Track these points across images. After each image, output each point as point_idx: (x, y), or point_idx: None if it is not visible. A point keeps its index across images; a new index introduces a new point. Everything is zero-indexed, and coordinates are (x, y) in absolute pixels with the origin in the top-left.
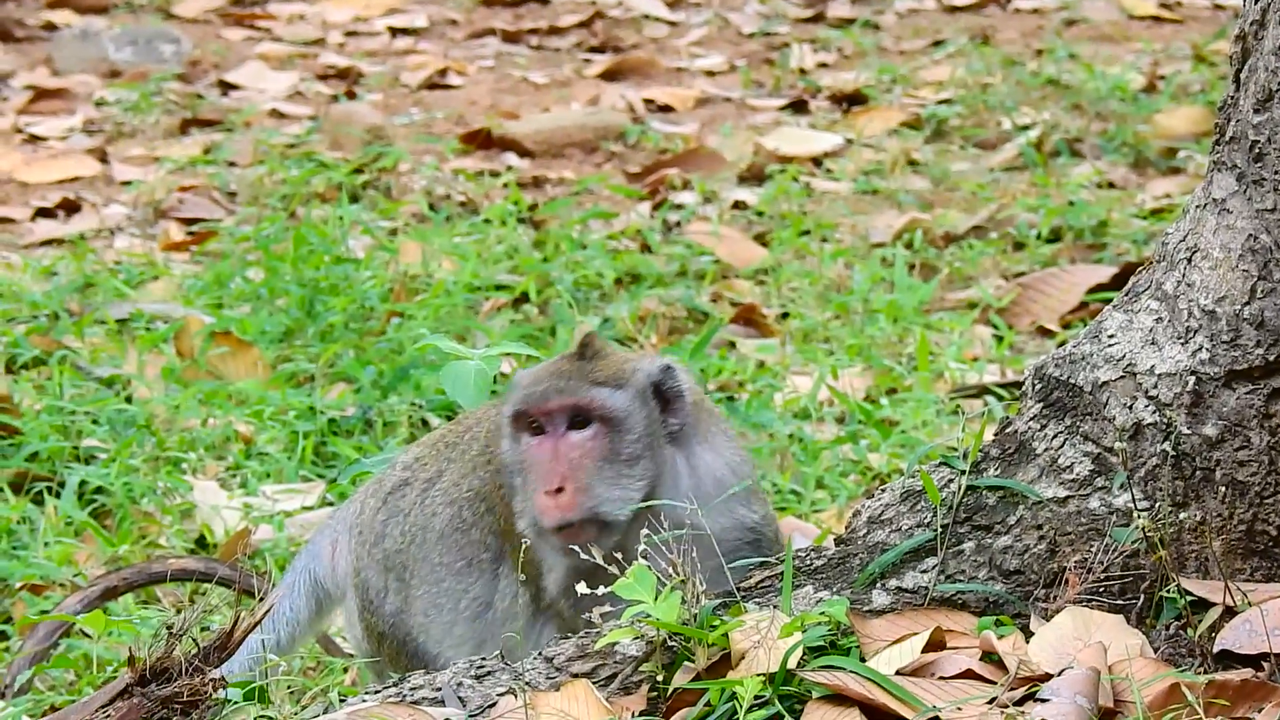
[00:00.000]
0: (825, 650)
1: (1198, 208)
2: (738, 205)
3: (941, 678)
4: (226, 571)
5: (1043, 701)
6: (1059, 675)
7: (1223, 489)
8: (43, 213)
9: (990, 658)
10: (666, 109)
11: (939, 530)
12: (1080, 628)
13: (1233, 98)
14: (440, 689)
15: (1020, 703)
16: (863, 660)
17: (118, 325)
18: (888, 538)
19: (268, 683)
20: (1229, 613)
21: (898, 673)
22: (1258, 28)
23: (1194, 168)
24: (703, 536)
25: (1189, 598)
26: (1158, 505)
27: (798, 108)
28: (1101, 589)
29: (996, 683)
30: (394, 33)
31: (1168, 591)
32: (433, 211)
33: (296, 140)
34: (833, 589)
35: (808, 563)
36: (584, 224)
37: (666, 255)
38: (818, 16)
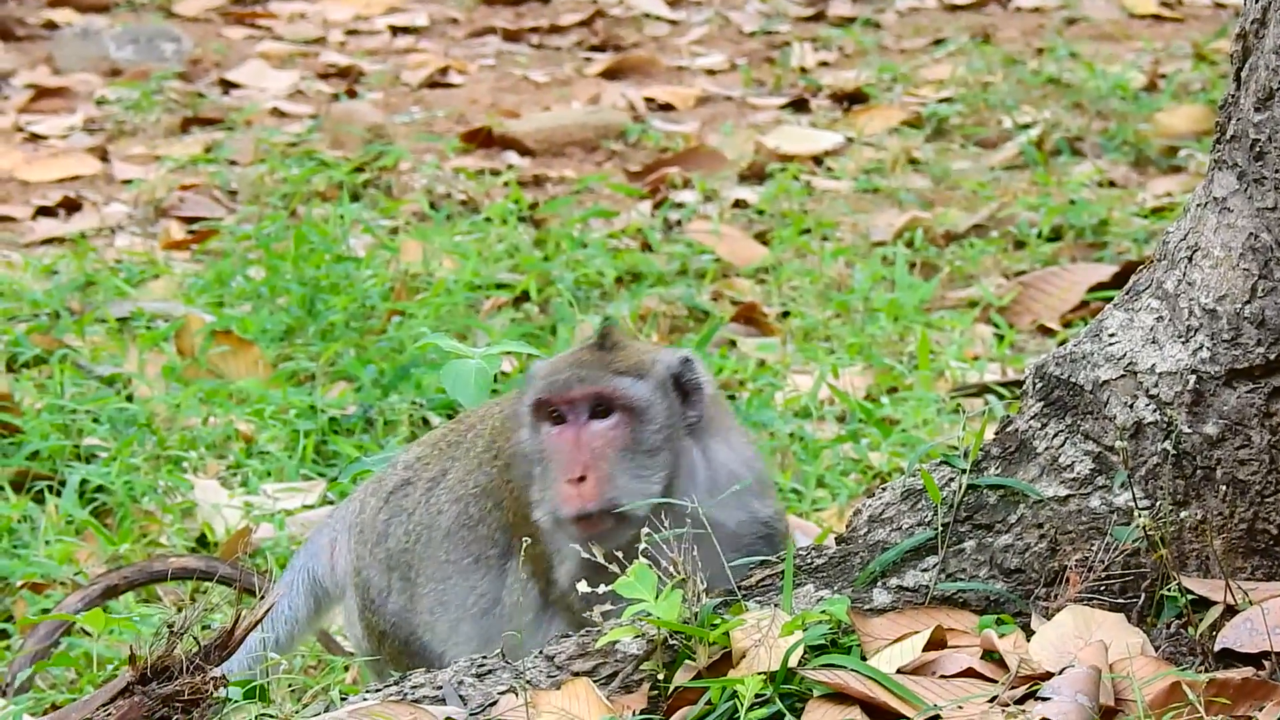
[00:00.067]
0: (826, 649)
1: (1198, 206)
2: (738, 204)
3: (942, 676)
4: (227, 570)
5: (1044, 700)
6: (1060, 674)
7: (1223, 488)
8: (43, 211)
9: (991, 656)
10: (667, 107)
11: (940, 529)
12: (1081, 626)
13: (1233, 96)
14: (441, 687)
15: (1021, 701)
16: (864, 659)
17: (118, 324)
18: (888, 536)
19: (268, 681)
20: (1230, 611)
21: (899, 671)
22: (1258, 26)
23: (1195, 166)
24: (718, 530)
25: (1190, 596)
26: (1158, 504)
27: (798, 106)
28: (1102, 588)
29: (997, 681)
30: (395, 31)
31: (1168, 590)
32: (433, 210)
33: (297, 139)
34: (834, 587)
35: (808, 561)
36: (585, 223)
37: (667, 254)
38: (818, 15)
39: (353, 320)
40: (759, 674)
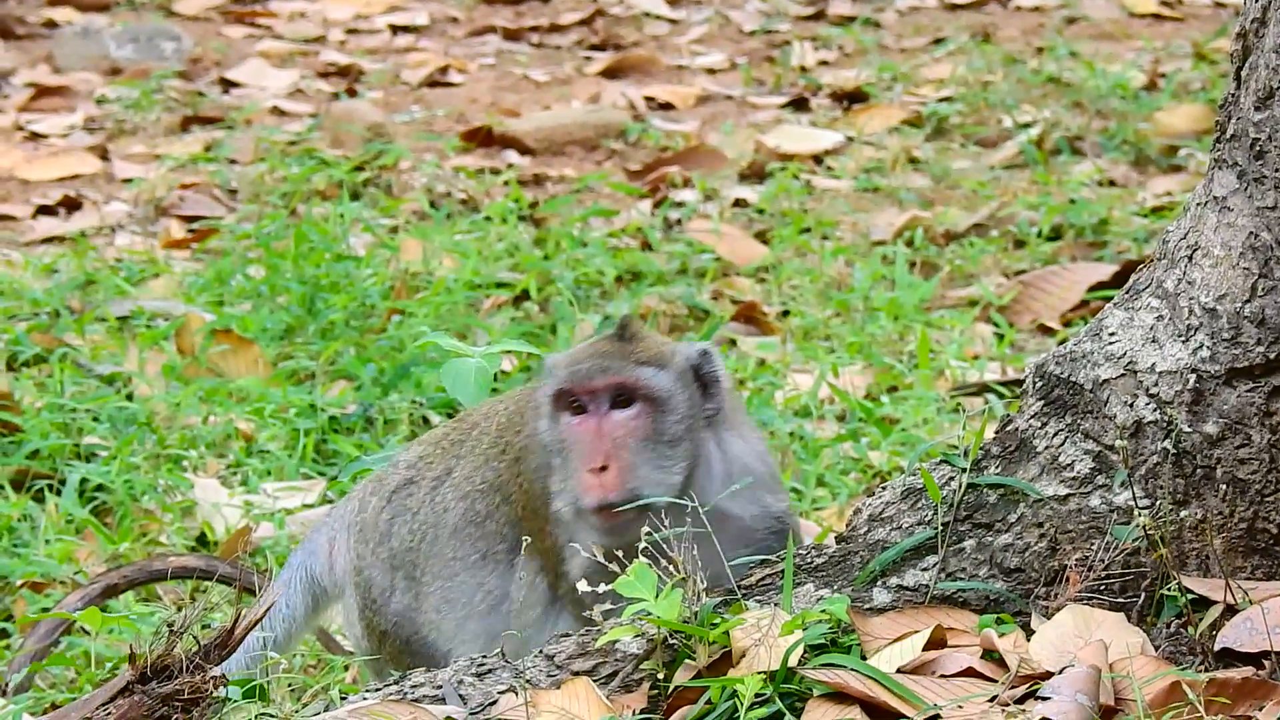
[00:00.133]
0: (826, 648)
1: (1198, 205)
2: (738, 203)
3: (942, 676)
4: (227, 569)
5: (1044, 700)
6: (1060, 673)
7: (1223, 487)
8: (44, 210)
9: (991, 656)
10: (667, 107)
11: (940, 528)
12: (1081, 626)
13: (1233, 95)
14: (441, 686)
15: (1021, 701)
16: (863, 658)
17: (118, 323)
18: (888, 535)
19: (268, 680)
20: (1230, 611)
21: (899, 671)
22: (1258, 25)
23: (1195, 165)
24: (733, 524)
25: (1190, 596)
26: (1158, 503)
27: (798, 105)
28: (1102, 587)
29: (997, 681)
30: (395, 30)
31: (1168, 589)
32: (433, 209)
33: (297, 138)
34: (833, 587)
35: (808, 560)
36: (585, 221)
37: (667, 253)
38: (819, 14)
39: (353, 319)
40: (759, 673)
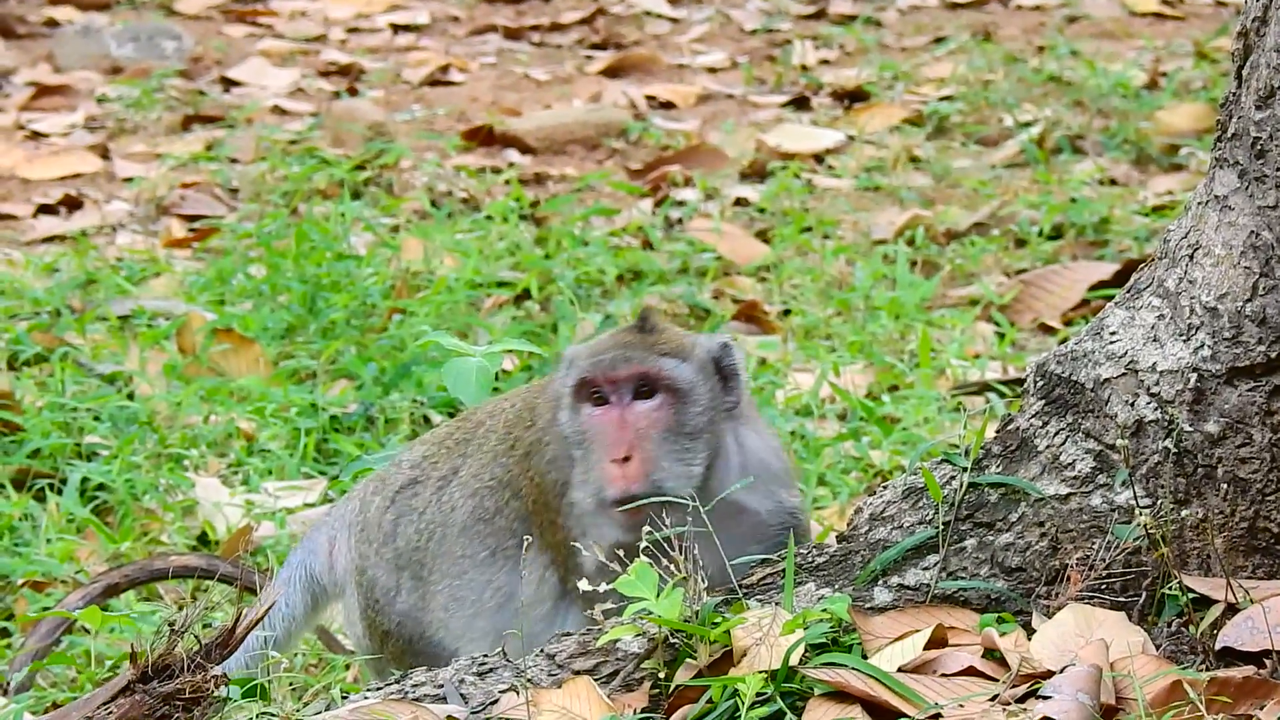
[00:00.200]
0: (827, 647)
1: (1199, 204)
2: (739, 202)
3: (943, 675)
4: (228, 568)
5: (1045, 699)
6: (1061, 672)
7: (1224, 486)
8: (44, 209)
9: (992, 655)
10: (668, 106)
11: (941, 527)
12: (1082, 625)
13: (1234, 94)
14: (442, 686)
15: (1022, 700)
16: (865, 657)
17: (119, 322)
18: (889, 535)
19: (270, 680)
20: (1231, 610)
21: (900, 670)
22: (1259, 24)
23: (1196, 165)
24: (750, 517)
25: (1191, 595)
26: (1159, 502)
27: (799, 104)
28: (1103, 586)
29: (998, 680)
30: (396, 29)
31: (1169, 589)
32: (434, 208)
33: (298, 137)
34: (835, 586)
35: (810, 560)
36: (586, 221)
37: (668, 252)
38: (819, 13)
39: (354, 318)
40: (760, 672)
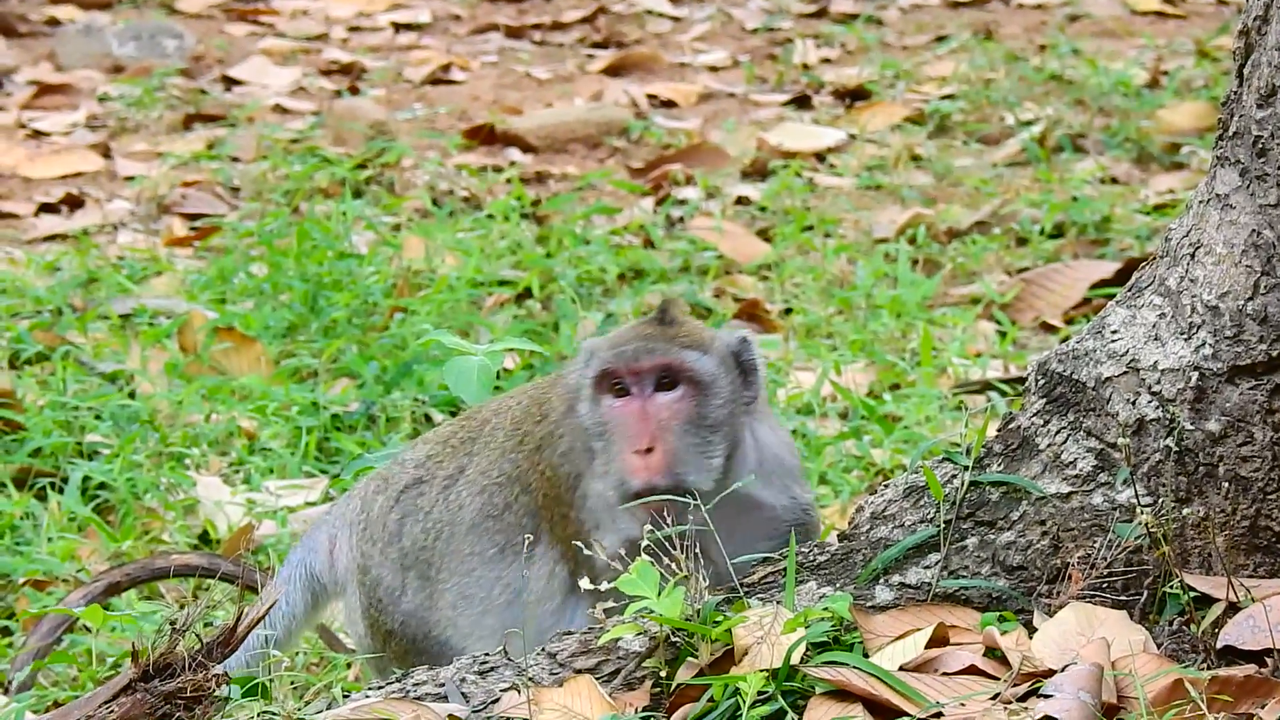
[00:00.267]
0: (828, 646)
1: (1201, 203)
2: (741, 201)
3: (945, 673)
4: (229, 567)
5: (1046, 697)
6: (1062, 671)
7: (1226, 485)
8: (46, 208)
9: (993, 654)
10: (669, 104)
11: (942, 526)
12: (1083, 624)
13: (1236, 93)
14: (443, 684)
15: (1023, 699)
16: (866, 656)
17: (121, 321)
18: (891, 533)
19: (271, 679)
20: (1232, 608)
21: (901, 668)
22: (1261, 23)
23: (1197, 163)
24: (766, 512)
25: (1192, 593)
26: (1161, 501)
27: (801, 103)
28: (1104, 585)
29: (1000, 679)
30: (397, 28)
31: (1171, 587)
32: (436, 207)
33: (300, 135)
34: (836, 585)
35: (811, 558)
36: (587, 219)
37: (669, 251)
38: (821, 12)
39: (355, 317)
40: (761, 671)
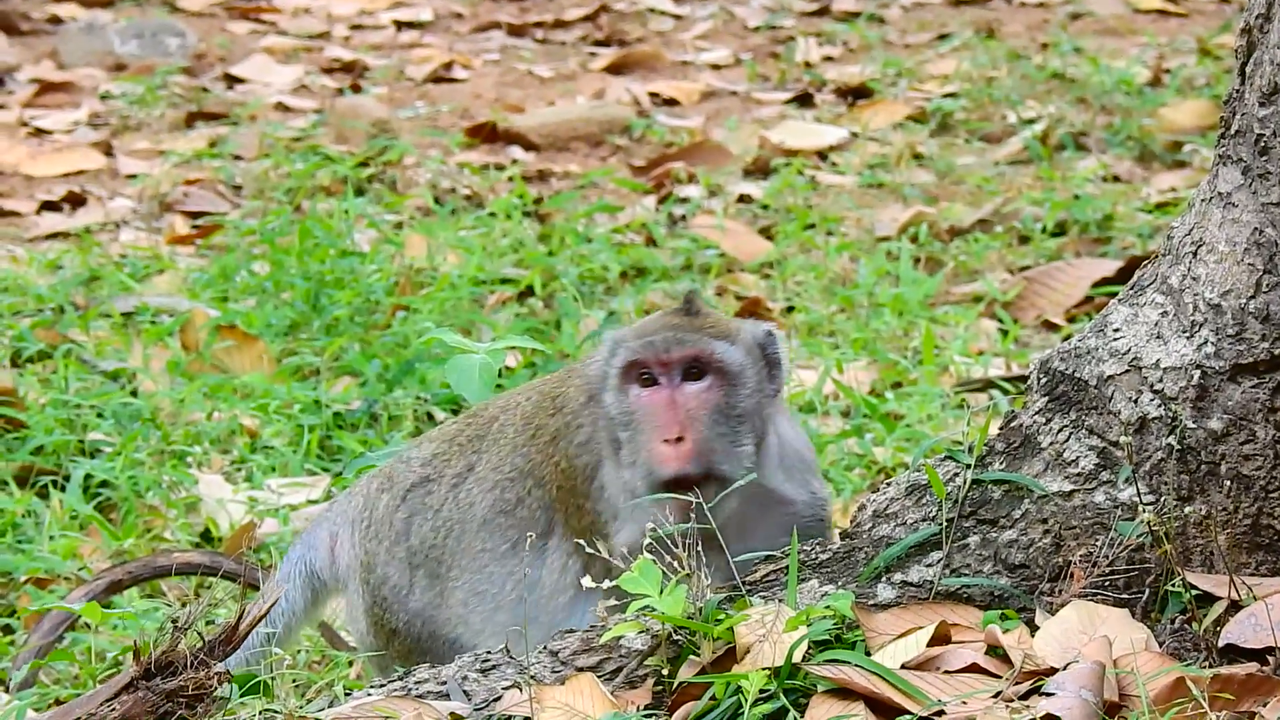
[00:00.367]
0: (830, 644)
1: (1203, 201)
2: (743, 199)
3: (947, 672)
4: (231, 565)
5: (1048, 696)
6: (1064, 669)
7: (1228, 483)
8: (48, 206)
9: (995, 652)
10: (672, 102)
11: (944, 524)
12: (1085, 622)
13: (1238, 91)
14: (445, 682)
15: (1025, 697)
16: (868, 654)
17: (123, 319)
18: (893, 532)
19: (272, 677)
20: (1234, 607)
21: (903, 667)
22: (1263, 21)
23: (1199, 162)
24: (787, 506)
25: (1194, 592)
26: (1163, 499)
27: (803, 101)
28: (1106, 583)
29: (1002, 677)
30: (399, 26)
31: (1173, 585)
32: (438, 205)
33: (302, 133)
34: (838, 583)
35: (813, 557)
36: (589, 217)
37: (671, 249)
38: (823, 10)
39: (357, 315)
40: (763, 669)
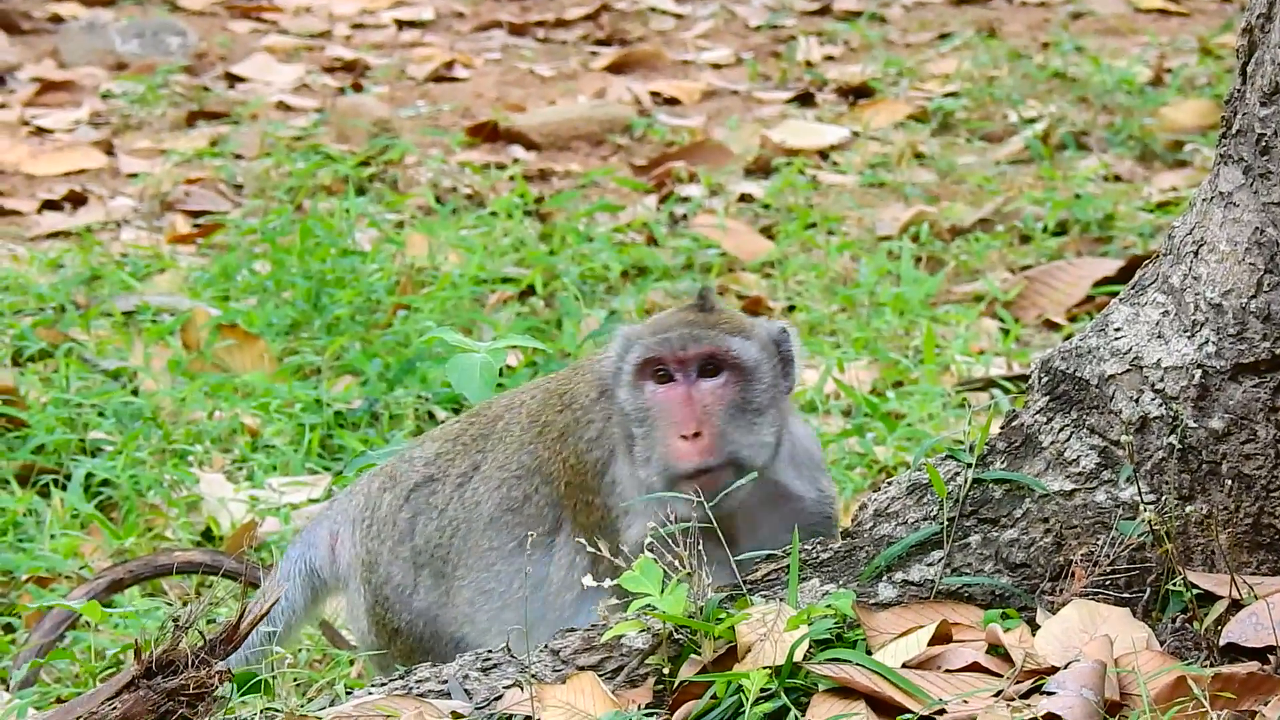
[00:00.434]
0: (831, 643)
1: (1204, 201)
2: (744, 198)
3: (948, 671)
4: (232, 564)
5: (1049, 695)
6: (1065, 668)
7: (1229, 482)
8: (49, 205)
9: (996, 651)
10: (673, 102)
11: (945, 523)
12: (1086, 621)
13: (1239, 91)
14: (446, 681)
15: (1026, 696)
16: (869, 653)
17: (124, 318)
18: (894, 531)
19: (273, 675)
20: (1235, 606)
21: (904, 666)
22: (1264, 21)
23: (1200, 161)
24: (796, 503)
25: (1195, 591)
26: (1164, 498)
27: (804, 100)
28: (1108, 582)
29: (1003, 676)
30: (400, 25)
31: (1174, 585)
32: (439, 204)
33: (303, 133)
34: (839, 582)
35: (814, 556)
36: (590, 217)
37: (672, 248)
38: (824, 9)
39: (358, 314)
40: (764, 668)
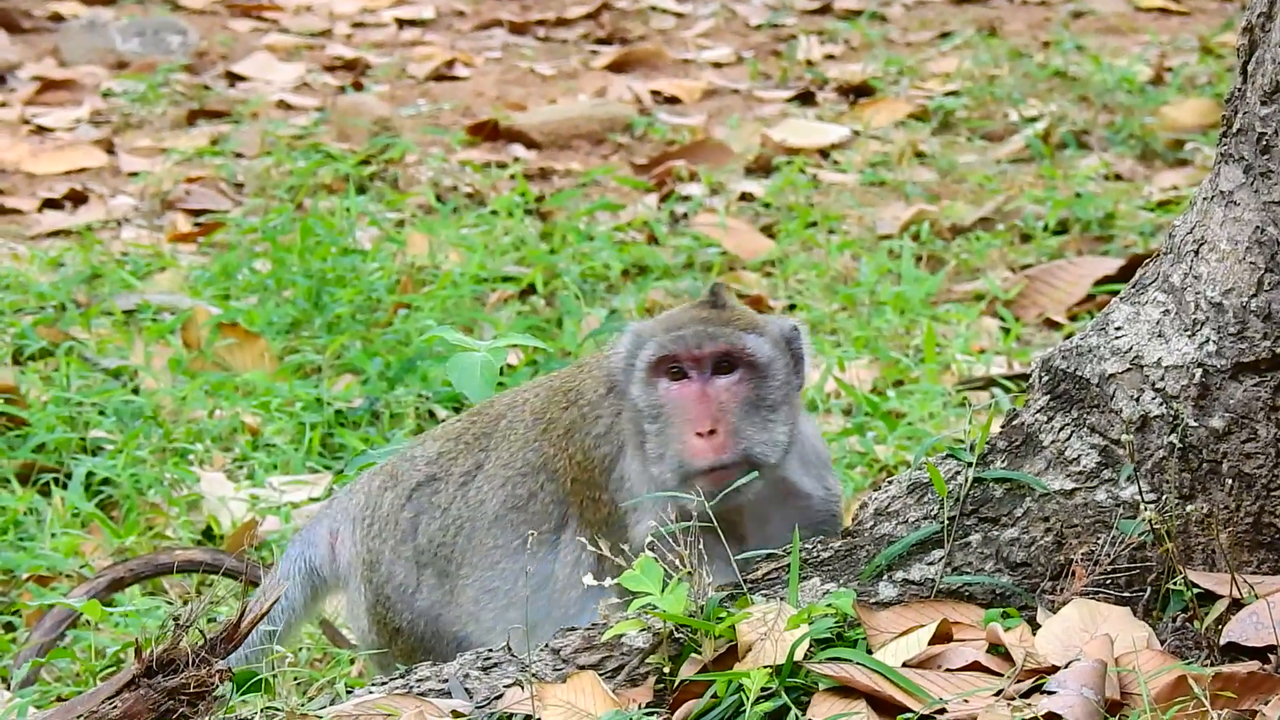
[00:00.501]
0: (832, 642)
1: (1205, 200)
2: (744, 197)
3: (948, 670)
4: (233, 563)
5: (1049, 694)
6: (1066, 667)
7: (1229, 481)
8: (49, 204)
9: (997, 650)
10: (673, 100)
11: (946, 522)
12: (1087, 620)
13: (1240, 90)
14: (447, 680)
15: (1027, 695)
16: (869, 652)
17: (125, 316)
18: (894, 530)
19: (274, 674)
20: (1235, 605)
21: (904, 665)
22: (1265, 20)
23: (1201, 160)
24: (803, 500)
25: (1195, 590)
26: (1164, 497)
27: (805, 99)
28: (1108, 581)
29: (1003, 675)
30: (401, 24)
31: (1174, 584)
32: (440, 203)
33: (303, 131)
34: (839, 581)
35: (814, 555)
36: (591, 216)
37: (673, 247)
38: (825, 8)
39: (359, 313)
40: (765, 667)
